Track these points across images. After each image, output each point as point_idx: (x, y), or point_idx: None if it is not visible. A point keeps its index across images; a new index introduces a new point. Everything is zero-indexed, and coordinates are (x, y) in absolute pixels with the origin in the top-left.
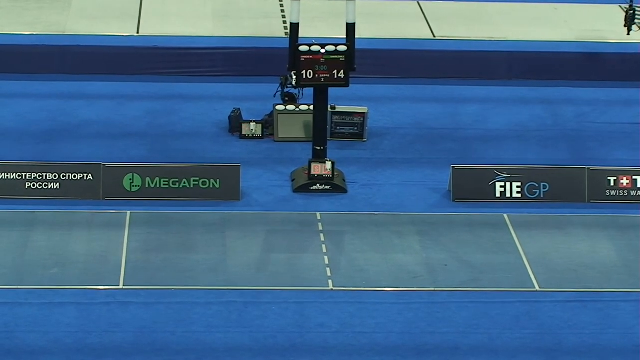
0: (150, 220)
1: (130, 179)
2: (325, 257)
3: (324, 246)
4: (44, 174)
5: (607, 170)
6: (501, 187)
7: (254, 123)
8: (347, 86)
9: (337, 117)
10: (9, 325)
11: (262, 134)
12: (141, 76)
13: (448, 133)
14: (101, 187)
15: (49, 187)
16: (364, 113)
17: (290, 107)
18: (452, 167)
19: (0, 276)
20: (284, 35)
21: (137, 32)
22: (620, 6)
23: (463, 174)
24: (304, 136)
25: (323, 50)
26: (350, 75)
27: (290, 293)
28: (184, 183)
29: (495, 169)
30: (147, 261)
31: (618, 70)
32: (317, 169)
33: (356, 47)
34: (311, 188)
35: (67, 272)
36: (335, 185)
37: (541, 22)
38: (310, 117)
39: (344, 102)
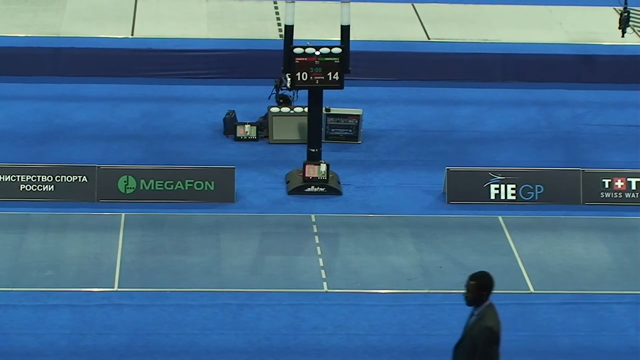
0: (145, 222)
1: (125, 181)
2: (320, 259)
3: (318, 248)
4: (39, 176)
5: (601, 172)
6: (496, 189)
7: (249, 125)
8: (342, 88)
9: (331, 119)
10: (2, 328)
11: (257, 136)
12: (136, 78)
13: (442, 135)
14: (96, 189)
15: (44, 189)
16: (358, 115)
17: (285, 109)
18: (447, 169)
19: None
20: (279, 38)
21: (132, 34)
22: (614, 8)
23: (458, 176)
24: (298, 138)
25: (317, 53)
26: (345, 78)
27: (285, 295)
28: (179, 185)
29: (489, 171)
30: (142, 263)
31: (612, 72)
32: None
33: (351, 49)
34: (306, 190)
35: (62, 274)
36: (329, 188)
37: (536, 25)
38: (304, 119)
39: (339, 104)
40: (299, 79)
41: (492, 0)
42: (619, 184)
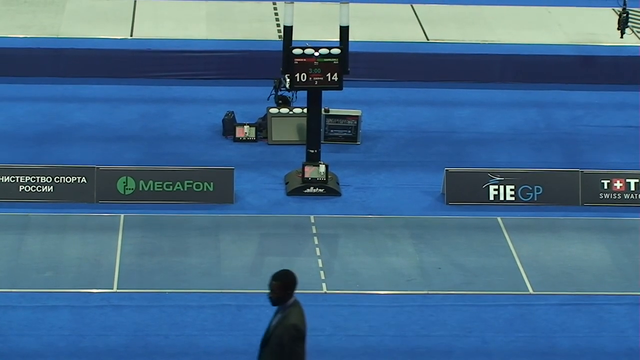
0: (144, 223)
1: (124, 182)
2: (319, 260)
3: (317, 249)
4: (38, 177)
5: (600, 173)
6: (495, 190)
7: (248, 126)
8: (341, 89)
9: (330, 120)
10: (2, 329)
11: (256, 137)
12: (135, 79)
13: (442, 136)
14: (95, 190)
15: (43, 190)
16: (357, 116)
17: (284, 110)
18: (446, 170)
19: None
20: (278, 39)
21: (131, 35)
22: (613, 9)
23: (456, 177)
24: (297, 139)
25: (317, 54)
26: (344, 78)
27: None
28: (178, 186)
29: (488, 172)
30: (141, 264)
31: (612, 73)
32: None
33: (350, 50)
34: (305, 191)
35: (61, 275)
36: (328, 189)
37: (535, 25)
38: (303, 120)
39: (338, 105)
40: (298, 79)
41: (492, 1)
42: (618, 185)
